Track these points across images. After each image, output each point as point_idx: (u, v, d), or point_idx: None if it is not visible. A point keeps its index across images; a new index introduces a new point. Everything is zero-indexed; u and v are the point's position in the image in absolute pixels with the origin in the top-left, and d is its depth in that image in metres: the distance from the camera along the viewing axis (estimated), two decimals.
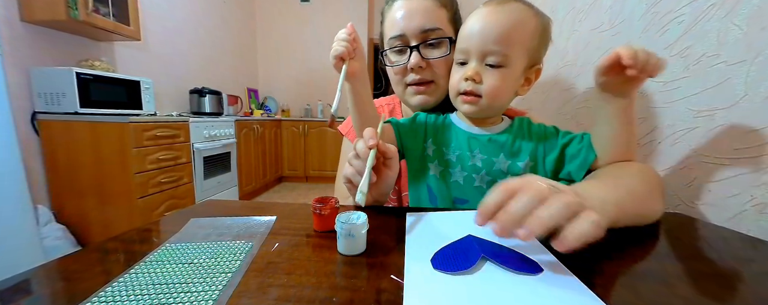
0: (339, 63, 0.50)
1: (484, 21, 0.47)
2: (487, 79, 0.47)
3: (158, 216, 1.69)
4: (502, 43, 0.46)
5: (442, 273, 0.29)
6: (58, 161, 1.59)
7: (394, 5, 0.61)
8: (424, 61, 0.59)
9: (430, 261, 0.31)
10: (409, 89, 0.62)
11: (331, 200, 0.41)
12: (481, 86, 0.48)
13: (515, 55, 0.47)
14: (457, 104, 0.52)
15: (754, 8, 0.44)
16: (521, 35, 0.47)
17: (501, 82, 0.47)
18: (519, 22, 0.46)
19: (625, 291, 0.27)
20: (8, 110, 1.18)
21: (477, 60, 0.48)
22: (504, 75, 0.47)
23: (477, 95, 0.49)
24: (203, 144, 2.08)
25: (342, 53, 0.49)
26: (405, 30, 0.58)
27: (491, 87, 0.47)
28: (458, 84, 0.50)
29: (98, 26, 1.61)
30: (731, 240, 0.39)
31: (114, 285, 0.28)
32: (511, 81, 0.49)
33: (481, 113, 0.51)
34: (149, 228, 0.42)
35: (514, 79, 0.49)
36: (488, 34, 0.46)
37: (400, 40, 0.60)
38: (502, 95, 0.49)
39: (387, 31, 0.62)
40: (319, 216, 0.40)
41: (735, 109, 0.47)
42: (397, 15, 0.60)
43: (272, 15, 3.88)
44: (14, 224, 1.21)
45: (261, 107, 3.79)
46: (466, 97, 0.49)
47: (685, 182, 0.54)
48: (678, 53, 0.56)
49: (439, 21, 0.59)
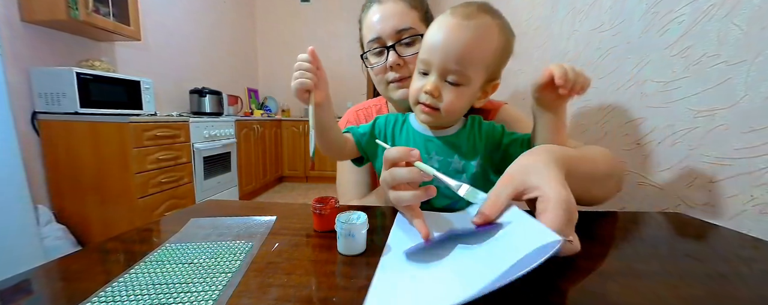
0: (304, 95, 0.47)
1: (447, 36, 0.45)
2: (446, 95, 0.47)
3: (158, 216, 1.69)
4: (463, 64, 0.45)
5: (413, 261, 0.30)
6: (59, 161, 1.58)
7: (369, 11, 0.66)
8: (401, 59, 0.62)
9: (404, 252, 0.32)
10: (391, 85, 0.65)
11: (331, 200, 0.41)
12: (439, 101, 0.48)
13: (474, 74, 0.47)
14: (416, 111, 0.53)
15: (755, 8, 0.44)
16: (483, 55, 0.46)
17: (459, 100, 0.48)
18: (482, 42, 0.46)
19: (625, 291, 0.27)
20: (8, 110, 1.17)
21: (437, 75, 0.47)
22: (462, 93, 0.48)
23: (435, 108, 0.49)
24: (203, 144, 2.08)
25: (308, 85, 0.46)
26: (381, 32, 0.63)
27: (449, 104, 0.48)
28: (418, 94, 0.50)
29: (98, 26, 1.61)
30: (731, 240, 0.39)
31: (114, 285, 0.28)
32: (468, 97, 0.49)
33: (438, 123, 0.53)
34: (149, 228, 0.42)
35: (472, 94, 0.49)
36: (450, 52, 0.45)
37: (377, 43, 0.64)
38: (457, 111, 0.50)
39: (365, 35, 0.67)
40: (319, 216, 0.40)
41: (735, 109, 0.47)
42: (372, 19, 0.64)
43: (272, 15, 3.88)
44: (14, 224, 1.21)
45: (261, 107, 3.79)
46: (424, 108, 0.49)
47: (685, 182, 0.54)
48: (678, 53, 0.56)
49: (412, 21, 0.63)
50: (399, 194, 0.39)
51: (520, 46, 1.30)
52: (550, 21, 1.04)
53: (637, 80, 0.65)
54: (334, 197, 0.42)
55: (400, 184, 0.39)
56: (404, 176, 0.38)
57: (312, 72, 0.47)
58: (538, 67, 1.13)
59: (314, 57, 0.48)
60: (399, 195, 0.38)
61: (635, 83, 0.66)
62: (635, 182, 0.65)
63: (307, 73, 0.47)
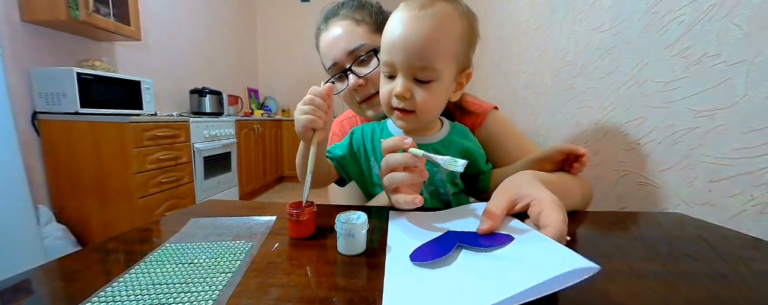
0: (309, 133, 0.44)
1: (405, 31, 0.42)
2: (419, 95, 0.44)
3: (158, 216, 1.69)
4: (429, 58, 0.42)
5: (420, 266, 0.29)
6: (59, 161, 1.59)
7: (321, 37, 0.64)
8: (362, 79, 0.60)
9: (409, 256, 0.31)
10: (363, 105, 0.63)
11: (307, 205, 0.39)
12: (412, 103, 0.45)
13: (443, 67, 0.44)
14: (392, 118, 0.50)
15: (755, 8, 0.44)
16: (448, 44, 0.43)
17: (433, 97, 0.45)
18: (444, 30, 0.42)
19: (625, 291, 0.27)
20: (9, 110, 1.18)
21: (404, 75, 0.44)
22: (435, 89, 0.44)
23: (410, 111, 0.46)
24: (203, 144, 2.08)
25: (316, 125, 0.43)
26: (335, 58, 0.61)
27: (424, 102, 0.44)
28: (389, 99, 0.46)
29: (99, 26, 1.61)
30: (731, 240, 0.39)
31: (114, 285, 0.28)
32: (442, 92, 0.46)
33: (417, 126, 0.50)
34: (149, 228, 0.42)
35: (446, 89, 0.46)
36: (411, 47, 0.42)
37: (335, 69, 0.62)
38: (433, 109, 0.48)
39: (324, 62, 0.65)
40: (296, 223, 0.37)
41: (735, 109, 0.47)
42: (325, 45, 0.63)
43: (272, 15, 3.88)
44: (14, 224, 1.21)
45: (261, 107, 3.79)
46: (399, 113, 0.46)
47: (685, 182, 0.54)
48: (678, 53, 0.56)
49: (361, 37, 0.60)
50: (393, 174, 0.39)
51: (520, 46, 1.30)
52: (550, 21, 1.04)
53: (637, 79, 0.65)
54: (311, 203, 0.40)
55: (395, 168, 0.39)
56: (398, 161, 0.38)
57: (323, 110, 0.44)
58: (538, 67, 1.13)
59: (330, 95, 0.44)
60: (393, 176, 0.39)
61: (635, 82, 0.66)
62: (635, 182, 0.65)
63: (319, 112, 0.43)
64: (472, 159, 0.54)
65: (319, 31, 0.66)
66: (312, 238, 0.38)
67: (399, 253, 0.32)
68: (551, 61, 1.02)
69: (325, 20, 0.65)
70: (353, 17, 0.61)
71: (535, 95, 1.16)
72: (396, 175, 0.39)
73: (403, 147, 0.39)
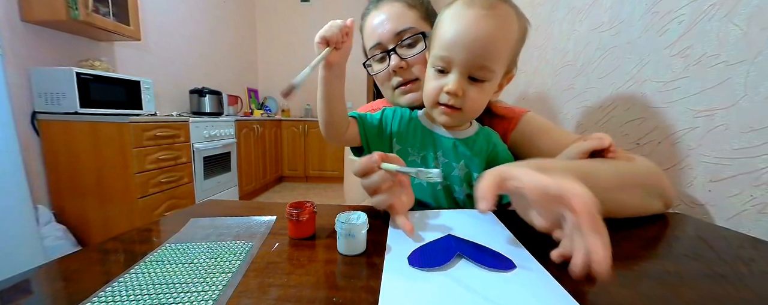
0: (322, 45, 0.43)
1: (469, 29, 0.42)
2: (470, 93, 0.44)
3: (158, 216, 1.69)
4: (490, 59, 0.42)
5: (417, 269, 0.29)
6: (59, 161, 1.58)
7: (368, 18, 0.64)
8: (404, 62, 0.59)
9: (408, 258, 0.31)
10: (397, 91, 0.62)
11: (308, 205, 0.39)
12: (463, 99, 0.45)
13: (499, 68, 0.44)
14: (434, 113, 0.49)
15: (754, 8, 0.44)
16: (507, 46, 0.44)
17: (482, 97, 0.45)
18: (507, 33, 0.43)
19: (625, 291, 0.27)
20: (8, 110, 1.17)
21: (460, 73, 0.44)
22: (485, 89, 0.45)
23: (458, 108, 0.46)
24: (203, 144, 2.08)
25: (330, 37, 0.42)
26: (380, 38, 0.60)
27: (473, 101, 0.45)
28: (437, 95, 0.46)
29: (98, 26, 1.61)
30: (731, 240, 0.39)
31: (114, 285, 0.28)
32: (490, 93, 0.47)
33: (460, 123, 0.51)
34: (149, 228, 0.42)
35: (493, 89, 0.47)
36: (475, 46, 0.42)
37: (378, 49, 0.62)
38: (481, 108, 0.48)
39: (366, 43, 0.65)
40: (295, 223, 0.37)
41: (735, 109, 0.47)
42: (371, 25, 0.62)
43: (272, 15, 3.88)
44: (14, 224, 1.20)
45: (261, 107, 3.79)
46: (446, 108, 0.46)
47: (685, 182, 0.54)
48: (678, 53, 0.56)
49: (411, 20, 0.60)
50: (377, 198, 0.39)
51: None
52: (550, 21, 1.04)
53: (637, 79, 0.65)
54: (311, 202, 0.40)
55: (378, 189, 0.39)
56: (375, 182, 0.38)
57: (339, 32, 0.43)
58: (538, 67, 1.13)
59: (352, 25, 0.44)
60: (377, 200, 0.39)
61: (635, 82, 0.66)
62: None
63: (336, 29, 0.43)
64: (495, 163, 0.53)
65: (367, 11, 0.65)
66: (312, 238, 0.38)
67: (398, 253, 0.32)
68: (551, 61, 1.02)
69: (376, 1, 0.64)
70: (406, 1, 0.61)
71: (535, 95, 1.16)
72: (379, 198, 0.39)
73: (373, 168, 0.38)
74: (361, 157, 0.41)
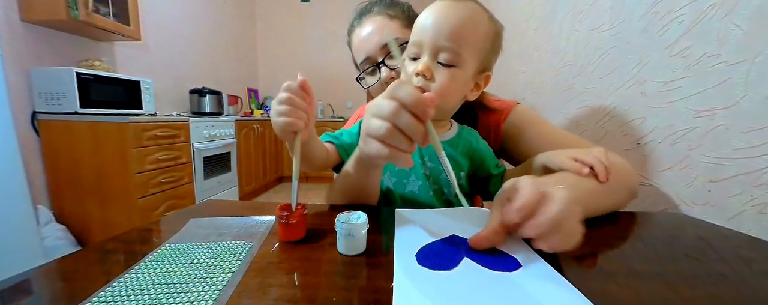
0: (290, 136, 0.41)
1: (438, 15, 0.44)
2: (439, 77, 0.44)
3: (158, 216, 1.69)
4: (455, 41, 0.43)
5: (426, 269, 0.30)
6: (59, 161, 1.59)
7: (353, 35, 0.67)
8: (394, 72, 0.62)
9: (415, 255, 0.32)
10: None
11: (299, 207, 0.38)
12: (431, 84, 0.45)
13: (467, 56, 0.45)
14: None
15: (754, 8, 0.44)
16: (474, 35, 0.45)
17: (452, 81, 0.45)
18: (473, 21, 0.45)
19: (625, 291, 0.27)
20: (8, 110, 1.17)
21: (429, 55, 0.45)
22: (455, 75, 0.45)
23: (427, 92, 0.45)
24: (203, 144, 2.08)
25: (297, 127, 0.40)
26: (368, 52, 0.64)
27: (442, 85, 0.44)
28: (409, 80, 0.45)
29: (98, 26, 1.61)
30: (731, 240, 0.39)
31: (114, 285, 0.28)
32: (461, 83, 0.47)
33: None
34: (149, 228, 0.42)
35: (465, 81, 0.47)
36: (442, 28, 0.44)
37: (368, 62, 0.65)
38: (451, 96, 0.47)
39: (356, 58, 0.68)
40: (285, 226, 0.36)
41: (735, 109, 0.47)
42: (358, 41, 0.65)
43: (272, 15, 3.88)
44: (14, 224, 1.21)
45: (261, 107, 3.79)
46: None
47: (685, 182, 0.54)
48: (678, 53, 0.56)
49: (395, 31, 0.63)
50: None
51: (520, 46, 1.30)
52: (550, 21, 1.04)
53: (637, 79, 0.65)
54: (302, 205, 0.38)
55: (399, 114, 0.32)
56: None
57: (302, 109, 0.41)
58: (538, 67, 1.13)
59: (305, 89, 0.41)
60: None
61: (635, 82, 0.66)
62: None
63: (298, 112, 0.40)
64: (479, 160, 0.55)
65: (352, 28, 0.68)
66: (302, 242, 0.37)
67: (407, 252, 0.33)
68: (551, 61, 1.03)
69: (358, 17, 0.67)
70: (387, 13, 0.64)
71: (535, 95, 1.16)
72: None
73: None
74: None
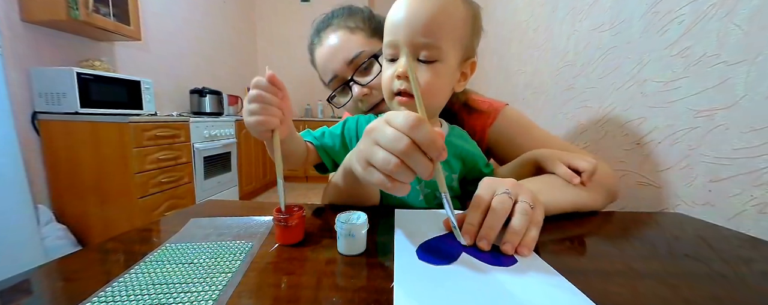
0: (267, 134, 0.39)
1: (409, 9, 0.40)
2: (421, 76, 0.41)
3: (158, 216, 1.69)
4: (432, 35, 0.40)
5: (426, 263, 0.30)
6: (59, 161, 1.59)
7: (316, 52, 0.62)
8: (366, 88, 0.58)
9: (415, 251, 0.33)
10: (370, 115, 0.60)
11: (296, 209, 0.37)
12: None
13: (448, 48, 0.41)
14: (393, 106, 0.45)
15: (754, 8, 0.44)
16: (451, 24, 0.41)
17: (436, 78, 0.42)
18: (448, 9, 0.41)
19: (625, 291, 0.27)
20: (8, 110, 1.18)
21: (407, 55, 0.41)
22: (438, 70, 0.42)
23: (412, 95, 0.41)
24: (203, 144, 2.08)
25: (272, 125, 0.38)
26: (335, 70, 0.59)
27: (428, 84, 0.41)
28: (390, 83, 0.42)
29: (98, 26, 1.61)
30: (731, 240, 0.39)
31: (114, 285, 0.28)
32: (446, 77, 0.43)
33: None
34: (149, 228, 0.42)
35: (450, 74, 0.44)
36: (415, 23, 0.40)
37: (337, 82, 0.60)
38: (438, 93, 0.44)
39: (322, 77, 0.63)
40: (283, 228, 0.35)
41: (735, 109, 0.47)
42: (321, 60, 0.60)
43: (272, 15, 3.89)
44: (14, 224, 1.21)
45: None
46: (401, 98, 0.42)
47: (685, 182, 0.54)
48: (678, 53, 0.56)
49: (359, 44, 0.58)
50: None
51: (520, 46, 1.30)
52: (550, 21, 1.04)
53: (637, 79, 0.65)
54: (300, 207, 0.38)
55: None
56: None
57: (275, 105, 0.39)
58: (538, 67, 1.13)
59: (275, 83, 0.40)
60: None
61: (635, 82, 0.66)
62: (635, 182, 0.65)
63: (272, 108, 0.39)
64: (472, 163, 0.54)
65: (312, 45, 0.63)
66: (299, 245, 0.36)
67: (407, 250, 0.33)
68: (551, 61, 1.02)
69: (317, 33, 0.62)
70: (346, 26, 0.59)
71: (535, 95, 1.16)
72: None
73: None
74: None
